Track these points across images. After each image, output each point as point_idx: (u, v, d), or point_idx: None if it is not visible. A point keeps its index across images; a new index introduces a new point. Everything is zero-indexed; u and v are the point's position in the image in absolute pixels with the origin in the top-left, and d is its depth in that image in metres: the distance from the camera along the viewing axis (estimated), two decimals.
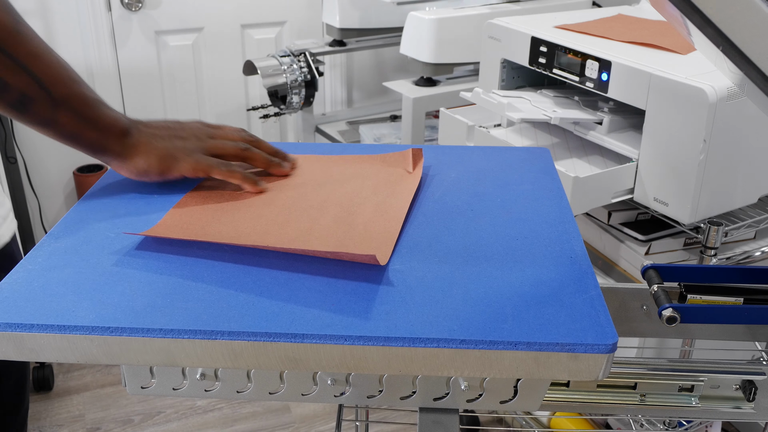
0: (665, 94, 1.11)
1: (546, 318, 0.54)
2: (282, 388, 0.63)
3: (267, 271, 0.60)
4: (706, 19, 0.48)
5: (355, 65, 2.73)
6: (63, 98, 0.70)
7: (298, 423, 1.79)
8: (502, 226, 0.68)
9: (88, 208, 0.71)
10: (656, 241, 1.28)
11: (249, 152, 0.77)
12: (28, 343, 0.54)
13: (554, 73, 1.31)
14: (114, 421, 1.78)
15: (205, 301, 0.56)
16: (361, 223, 0.67)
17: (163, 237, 0.65)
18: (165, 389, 0.64)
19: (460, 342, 0.52)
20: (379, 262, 0.59)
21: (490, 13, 1.78)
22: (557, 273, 0.60)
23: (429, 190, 0.75)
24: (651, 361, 0.75)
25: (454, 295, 0.57)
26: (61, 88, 0.70)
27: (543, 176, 0.79)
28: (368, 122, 2.50)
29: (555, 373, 0.53)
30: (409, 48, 1.85)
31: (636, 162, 1.19)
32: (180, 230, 0.66)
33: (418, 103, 1.83)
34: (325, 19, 2.27)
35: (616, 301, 0.79)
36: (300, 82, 2.08)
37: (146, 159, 0.73)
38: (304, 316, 0.54)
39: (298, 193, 0.75)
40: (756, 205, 1.26)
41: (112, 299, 0.56)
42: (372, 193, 0.74)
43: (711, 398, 0.75)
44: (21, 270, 0.60)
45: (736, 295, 0.71)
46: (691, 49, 1.20)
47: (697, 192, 1.11)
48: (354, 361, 0.53)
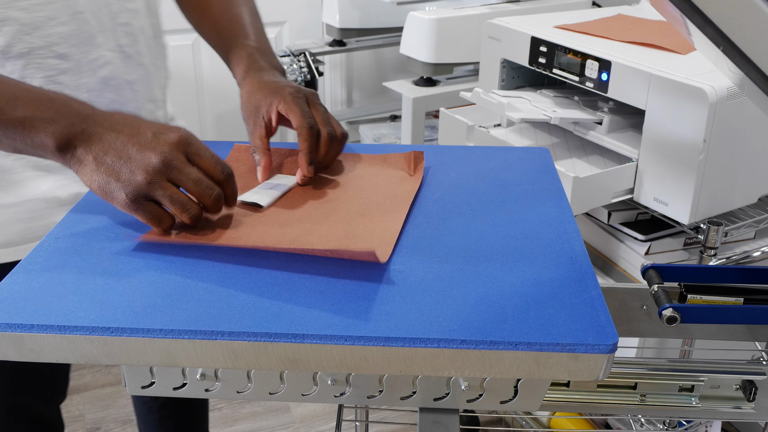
0: (665, 94, 1.11)
1: (546, 318, 0.54)
2: (282, 388, 0.63)
3: (267, 272, 0.60)
4: (706, 19, 0.48)
5: (355, 65, 2.73)
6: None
7: (298, 423, 1.79)
8: (502, 226, 0.68)
9: (88, 208, 0.71)
10: (656, 241, 1.28)
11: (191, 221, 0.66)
12: (28, 343, 0.54)
13: (554, 73, 1.31)
14: (114, 421, 1.78)
15: (205, 301, 0.56)
16: (362, 224, 0.67)
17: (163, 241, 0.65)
18: (165, 389, 0.64)
19: (461, 342, 0.52)
20: (378, 259, 0.59)
21: (490, 13, 1.78)
22: (557, 273, 0.60)
23: (429, 190, 0.75)
24: (651, 361, 0.75)
25: (455, 296, 0.57)
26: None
27: (543, 176, 0.79)
28: (368, 122, 2.50)
29: (555, 373, 0.53)
30: (409, 48, 1.85)
31: (636, 162, 1.19)
32: (179, 234, 0.66)
33: (418, 103, 1.83)
34: (325, 19, 2.27)
35: (616, 301, 0.79)
36: (300, 82, 2.08)
37: (89, 181, 0.65)
38: (304, 317, 0.54)
39: (299, 194, 0.75)
40: (756, 205, 1.26)
41: (113, 299, 0.56)
42: (373, 194, 0.74)
43: (711, 398, 0.75)
44: (21, 270, 0.60)
45: (736, 295, 0.71)
46: (691, 49, 1.20)
47: (697, 192, 1.11)
48: (354, 362, 0.53)
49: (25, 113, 0.65)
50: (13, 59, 0.76)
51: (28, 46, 0.77)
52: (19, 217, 0.83)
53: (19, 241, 0.84)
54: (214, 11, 0.94)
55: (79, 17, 0.79)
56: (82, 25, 0.80)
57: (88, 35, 0.81)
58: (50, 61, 0.78)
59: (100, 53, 0.83)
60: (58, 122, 0.65)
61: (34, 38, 0.77)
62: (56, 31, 0.78)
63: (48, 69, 0.79)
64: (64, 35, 0.79)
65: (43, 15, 0.76)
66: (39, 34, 0.77)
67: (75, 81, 0.81)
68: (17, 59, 0.77)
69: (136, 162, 0.63)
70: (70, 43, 0.79)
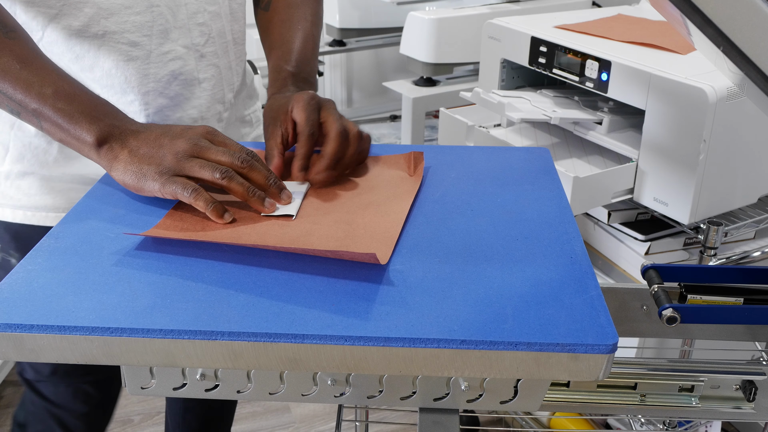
0: (665, 94, 1.11)
1: (546, 318, 0.54)
2: (282, 389, 0.63)
3: (267, 272, 0.60)
4: (706, 19, 0.48)
5: (354, 65, 2.73)
6: (35, 112, 0.73)
7: (298, 423, 1.79)
8: (502, 226, 0.68)
9: (88, 208, 0.71)
10: (656, 241, 1.28)
11: (227, 182, 0.68)
12: (28, 343, 0.54)
13: (554, 73, 1.31)
14: (114, 421, 1.78)
15: (205, 301, 0.56)
16: (362, 224, 0.67)
17: (163, 237, 0.65)
18: (165, 389, 0.64)
19: (461, 342, 0.52)
20: (379, 261, 0.59)
21: (490, 13, 1.78)
22: (557, 273, 0.60)
23: (429, 190, 0.75)
24: (651, 361, 0.75)
25: (454, 296, 0.57)
26: (31, 102, 0.72)
27: (543, 176, 0.79)
28: (368, 122, 2.50)
29: (555, 373, 0.53)
30: (409, 48, 1.85)
31: (636, 162, 1.19)
32: (180, 231, 0.66)
33: (417, 103, 1.83)
34: (325, 19, 2.27)
35: (616, 301, 0.79)
36: None
37: (122, 175, 0.71)
38: (304, 317, 0.54)
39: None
40: (756, 205, 1.26)
41: (112, 300, 0.56)
42: (373, 195, 0.74)
43: (711, 398, 0.75)
44: (21, 270, 0.60)
45: (736, 295, 0.71)
46: (691, 49, 1.20)
47: (697, 192, 1.11)
48: (354, 362, 0.53)
49: (76, 108, 0.72)
50: (89, 38, 0.82)
51: (103, 29, 0.82)
52: (78, 187, 0.88)
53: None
54: (273, 32, 0.97)
55: (155, 10, 0.83)
56: (156, 18, 0.84)
57: (162, 28, 0.84)
58: (122, 46, 0.83)
59: (172, 47, 0.86)
60: (101, 121, 0.72)
61: (110, 23, 0.82)
62: (131, 20, 0.82)
63: (119, 53, 0.83)
64: (138, 24, 0.83)
65: (119, 3, 0.81)
66: (114, 19, 0.82)
67: (144, 69, 0.85)
68: (93, 39, 0.82)
69: (167, 148, 0.70)
70: (142, 32, 0.83)
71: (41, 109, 0.72)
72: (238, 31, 0.95)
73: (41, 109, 0.72)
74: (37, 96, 0.72)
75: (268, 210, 0.69)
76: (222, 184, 0.68)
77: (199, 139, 0.71)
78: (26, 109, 0.73)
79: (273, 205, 0.70)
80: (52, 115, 0.72)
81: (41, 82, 0.73)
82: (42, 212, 0.89)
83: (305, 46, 0.95)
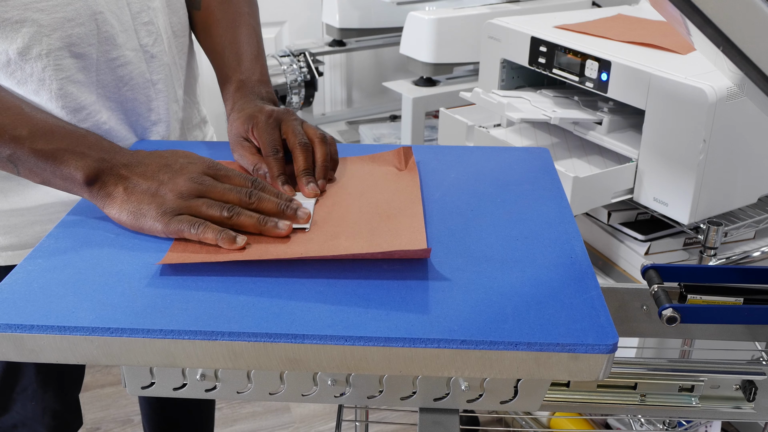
0: (665, 94, 1.11)
1: (546, 318, 0.54)
2: (282, 389, 0.63)
3: (267, 272, 0.60)
4: (706, 19, 0.48)
5: (354, 65, 2.73)
6: (11, 158, 0.69)
7: (298, 423, 1.79)
8: (502, 226, 0.68)
9: (88, 208, 0.71)
10: (656, 241, 1.28)
11: (236, 219, 0.65)
12: (28, 343, 0.54)
13: (554, 73, 1.31)
14: (114, 421, 1.78)
15: (205, 301, 0.56)
16: (383, 222, 0.67)
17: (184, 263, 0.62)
18: (165, 389, 0.64)
19: (461, 342, 0.52)
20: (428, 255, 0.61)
21: (490, 13, 1.78)
22: (557, 273, 0.60)
23: (429, 190, 0.75)
24: (651, 361, 0.75)
25: (455, 296, 0.57)
26: (5, 148, 0.68)
27: (543, 176, 0.79)
28: (368, 122, 2.50)
29: (555, 373, 0.53)
30: (408, 48, 1.85)
31: (636, 162, 1.19)
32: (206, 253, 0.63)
33: (417, 103, 1.83)
34: (325, 19, 2.27)
35: (616, 301, 0.79)
36: (300, 82, 2.08)
37: (118, 213, 0.67)
38: (304, 317, 0.54)
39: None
40: (756, 205, 1.26)
41: (112, 300, 0.56)
42: (377, 192, 0.74)
43: (711, 398, 0.75)
44: (21, 270, 0.60)
45: (736, 295, 0.71)
46: (691, 49, 1.20)
47: (696, 192, 1.11)
48: (354, 362, 0.53)
49: (57, 145, 0.68)
50: (31, 61, 0.76)
51: (47, 48, 0.76)
52: (35, 219, 0.83)
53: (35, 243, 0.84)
54: (214, 35, 0.93)
55: (99, 17, 0.79)
56: (101, 26, 0.79)
57: (107, 35, 0.80)
58: (67, 61, 0.78)
59: (121, 53, 0.82)
60: (88, 156, 0.68)
61: (53, 39, 0.76)
62: (75, 32, 0.77)
63: (66, 70, 0.78)
64: (82, 36, 0.78)
65: (61, 16, 0.76)
66: (58, 35, 0.76)
67: (92, 78, 0.80)
68: (36, 61, 0.76)
69: (167, 185, 0.66)
70: (88, 42, 0.79)
71: (17, 153, 0.68)
72: (176, 24, 0.91)
73: (17, 153, 0.68)
74: (11, 140, 0.68)
75: (285, 233, 0.65)
76: (231, 223, 0.65)
77: (202, 177, 0.67)
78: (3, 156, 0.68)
79: (289, 227, 0.66)
80: (31, 158, 0.68)
81: (13, 123, 0.68)
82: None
83: (249, 45, 0.91)
